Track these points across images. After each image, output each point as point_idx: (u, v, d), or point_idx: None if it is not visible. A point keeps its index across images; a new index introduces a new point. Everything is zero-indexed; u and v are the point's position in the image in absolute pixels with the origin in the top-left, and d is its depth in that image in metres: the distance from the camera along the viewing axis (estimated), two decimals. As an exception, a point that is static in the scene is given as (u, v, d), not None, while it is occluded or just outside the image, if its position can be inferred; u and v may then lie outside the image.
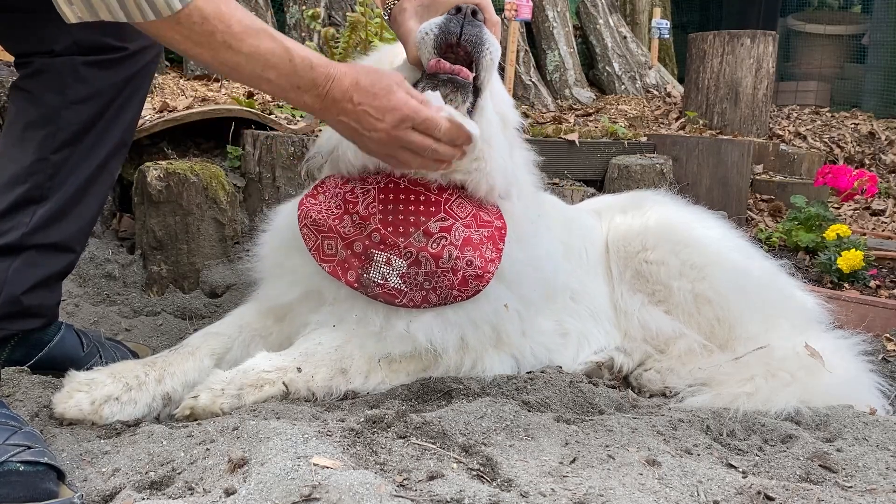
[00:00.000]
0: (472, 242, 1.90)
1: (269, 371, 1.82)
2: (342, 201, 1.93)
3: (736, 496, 1.40)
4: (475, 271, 1.89)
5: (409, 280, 1.87)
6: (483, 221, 1.95)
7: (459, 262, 1.87)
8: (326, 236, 1.91)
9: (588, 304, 2.36)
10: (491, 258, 1.92)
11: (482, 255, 1.90)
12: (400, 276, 1.87)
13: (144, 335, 2.49)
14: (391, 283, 1.87)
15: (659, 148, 4.62)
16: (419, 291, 1.88)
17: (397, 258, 1.87)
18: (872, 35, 8.28)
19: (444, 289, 1.88)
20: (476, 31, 1.74)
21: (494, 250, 1.93)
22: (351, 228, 1.90)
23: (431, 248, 1.87)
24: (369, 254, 1.88)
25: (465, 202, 1.96)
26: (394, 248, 1.87)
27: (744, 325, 2.25)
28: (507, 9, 4.82)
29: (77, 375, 1.75)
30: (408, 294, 1.88)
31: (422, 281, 1.87)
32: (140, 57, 1.89)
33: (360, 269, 1.88)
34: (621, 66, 6.72)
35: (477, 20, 1.75)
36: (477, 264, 1.89)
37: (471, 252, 1.89)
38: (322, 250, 1.91)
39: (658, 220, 2.43)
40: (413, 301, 1.88)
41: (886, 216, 5.04)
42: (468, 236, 1.91)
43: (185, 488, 1.32)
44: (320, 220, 1.92)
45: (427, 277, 1.87)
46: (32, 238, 1.80)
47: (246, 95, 3.79)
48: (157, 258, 2.82)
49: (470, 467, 1.44)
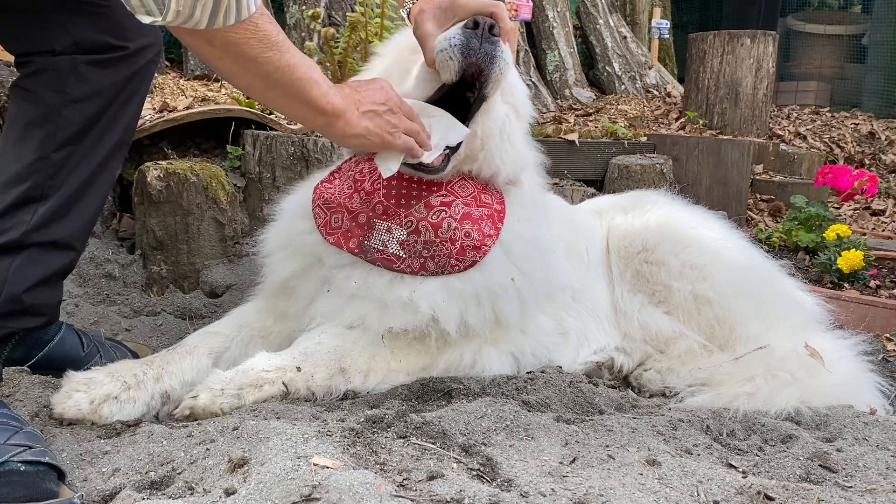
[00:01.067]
0: (471, 217, 1.96)
1: (269, 371, 1.82)
2: (352, 181, 2.01)
3: (736, 496, 1.40)
4: (473, 242, 1.94)
5: (407, 247, 1.93)
6: (483, 202, 2.01)
7: (458, 232, 1.93)
8: (335, 211, 1.99)
9: (588, 304, 2.37)
10: (489, 233, 1.97)
11: (480, 229, 1.96)
12: (399, 244, 1.93)
13: (144, 335, 2.49)
14: (390, 250, 1.93)
15: (659, 148, 4.62)
16: (417, 259, 1.93)
17: (398, 227, 1.94)
18: (872, 35, 8.28)
19: (443, 257, 1.93)
20: (490, 48, 1.80)
21: (492, 227, 1.99)
22: (358, 204, 1.98)
23: (431, 218, 1.94)
24: (371, 223, 1.96)
25: (468, 183, 2.03)
26: (395, 217, 1.95)
27: (744, 326, 2.24)
28: (508, 9, 4.81)
29: (75, 375, 1.75)
30: (406, 260, 1.92)
31: (420, 249, 1.93)
32: (140, 56, 1.89)
33: (361, 237, 1.95)
34: (621, 66, 6.72)
35: (494, 35, 1.81)
36: (475, 236, 1.94)
37: (469, 225, 1.95)
38: (329, 224, 1.98)
39: (658, 221, 2.43)
40: (411, 267, 1.93)
41: (886, 216, 5.04)
42: (467, 212, 1.97)
43: (185, 488, 1.32)
44: (331, 199, 2.00)
45: (426, 246, 1.93)
46: (33, 236, 1.80)
47: (246, 95, 3.78)
48: (157, 258, 2.82)
49: (470, 467, 1.44)
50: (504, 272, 1.98)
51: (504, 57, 1.85)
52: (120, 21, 1.83)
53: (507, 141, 2.02)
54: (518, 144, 2.08)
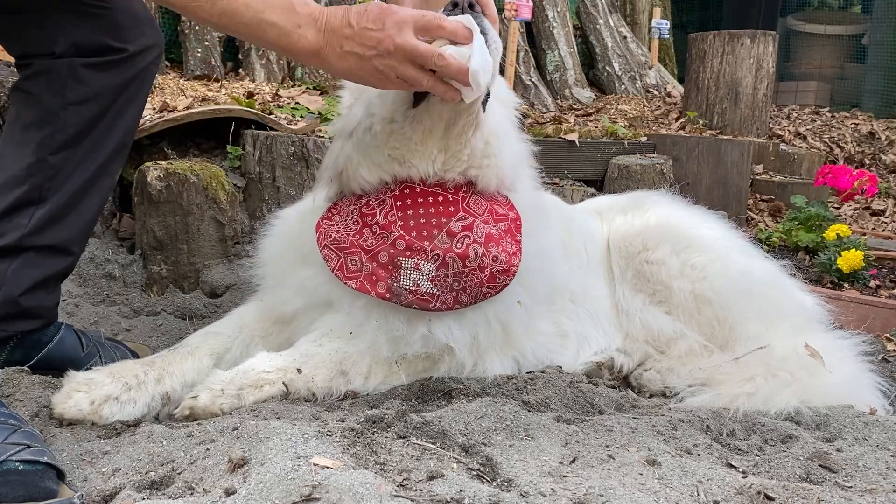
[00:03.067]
0: (493, 238, 1.90)
1: (269, 371, 1.82)
2: (359, 216, 1.91)
3: (736, 496, 1.40)
4: (501, 266, 1.88)
5: (439, 283, 1.85)
6: (499, 215, 1.95)
7: (486, 259, 1.87)
8: (350, 253, 1.88)
9: (588, 306, 2.36)
10: (513, 251, 1.92)
11: (504, 248, 1.90)
12: (430, 280, 1.84)
13: (144, 335, 2.49)
14: (423, 289, 1.84)
15: (659, 148, 4.62)
16: (450, 293, 1.86)
17: (425, 262, 1.84)
18: (872, 35, 8.28)
19: (474, 287, 1.87)
20: (478, 21, 1.70)
21: (513, 243, 1.94)
22: (373, 241, 1.88)
23: (456, 247, 1.86)
24: (396, 262, 1.85)
25: (480, 198, 1.95)
26: (420, 252, 1.85)
27: (744, 326, 2.24)
28: (507, 9, 4.81)
29: (76, 375, 1.75)
30: (440, 297, 1.86)
31: (451, 282, 1.86)
32: (140, 59, 1.89)
33: (389, 278, 1.85)
34: (621, 66, 6.71)
35: (475, 13, 1.72)
36: (502, 259, 1.89)
37: (494, 248, 1.89)
38: (346, 268, 1.88)
39: (658, 221, 2.43)
40: (446, 303, 1.86)
41: (886, 216, 5.03)
42: (489, 232, 1.90)
43: (185, 488, 1.32)
44: (340, 239, 1.90)
45: (456, 278, 1.85)
46: (31, 240, 1.80)
47: (246, 95, 3.78)
48: (157, 258, 2.82)
49: (470, 467, 1.44)
50: (513, 294, 1.96)
51: (493, 34, 1.75)
52: (120, 22, 1.83)
53: (505, 141, 1.98)
54: (514, 143, 2.03)
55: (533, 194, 2.16)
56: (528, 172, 2.16)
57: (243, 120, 3.17)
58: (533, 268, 2.01)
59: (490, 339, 1.98)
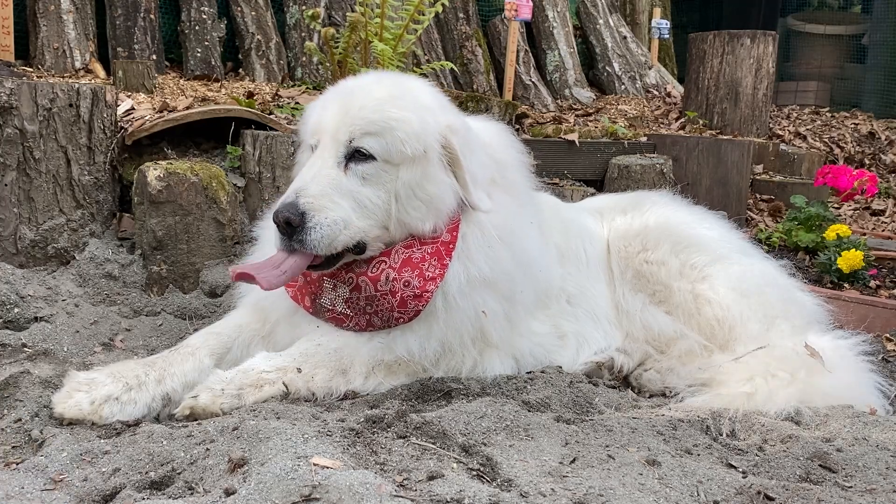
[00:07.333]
0: (411, 262, 1.93)
1: (269, 371, 1.82)
2: None
3: (736, 496, 1.40)
4: (413, 291, 1.91)
5: (352, 305, 1.94)
6: (426, 239, 1.96)
7: (397, 283, 1.90)
8: None
9: (586, 307, 2.36)
10: (432, 276, 1.92)
11: (422, 273, 1.92)
12: (345, 301, 1.94)
13: (144, 335, 2.49)
14: (338, 308, 1.95)
15: (659, 148, 4.62)
16: (363, 316, 1.93)
17: (341, 284, 1.94)
18: (872, 35, 8.28)
19: (385, 311, 1.92)
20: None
21: (438, 266, 1.94)
22: None
23: (371, 272, 1.93)
24: (320, 280, 1.97)
25: None
26: (338, 275, 1.95)
27: (744, 326, 2.24)
28: (507, 9, 4.82)
29: (77, 375, 1.76)
30: (353, 318, 1.93)
31: (363, 305, 1.93)
32: None
33: (313, 294, 1.97)
34: (621, 66, 6.71)
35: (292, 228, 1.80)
36: (415, 284, 1.91)
37: (409, 272, 1.91)
38: None
39: (658, 221, 2.43)
40: (358, 325, 1.94)
41: (886, 216, 5.03)
42: (408, 256, 1.93)
43: (185, 488, 1.33)
44: None
45: (368, 301, 1.92)
46: None
47: (246, 95, 3.78)
48: (157, 258, 2.82)
49: (470, 467, 1.44)
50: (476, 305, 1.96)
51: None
52: None
53: (417, 211, 1.94)
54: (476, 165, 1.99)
55: (524, 203, 2.15)
56: (518, 178, 2.17)
57: (243, 120, 3.16)
58: (512, 274, 2.02)
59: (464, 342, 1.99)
